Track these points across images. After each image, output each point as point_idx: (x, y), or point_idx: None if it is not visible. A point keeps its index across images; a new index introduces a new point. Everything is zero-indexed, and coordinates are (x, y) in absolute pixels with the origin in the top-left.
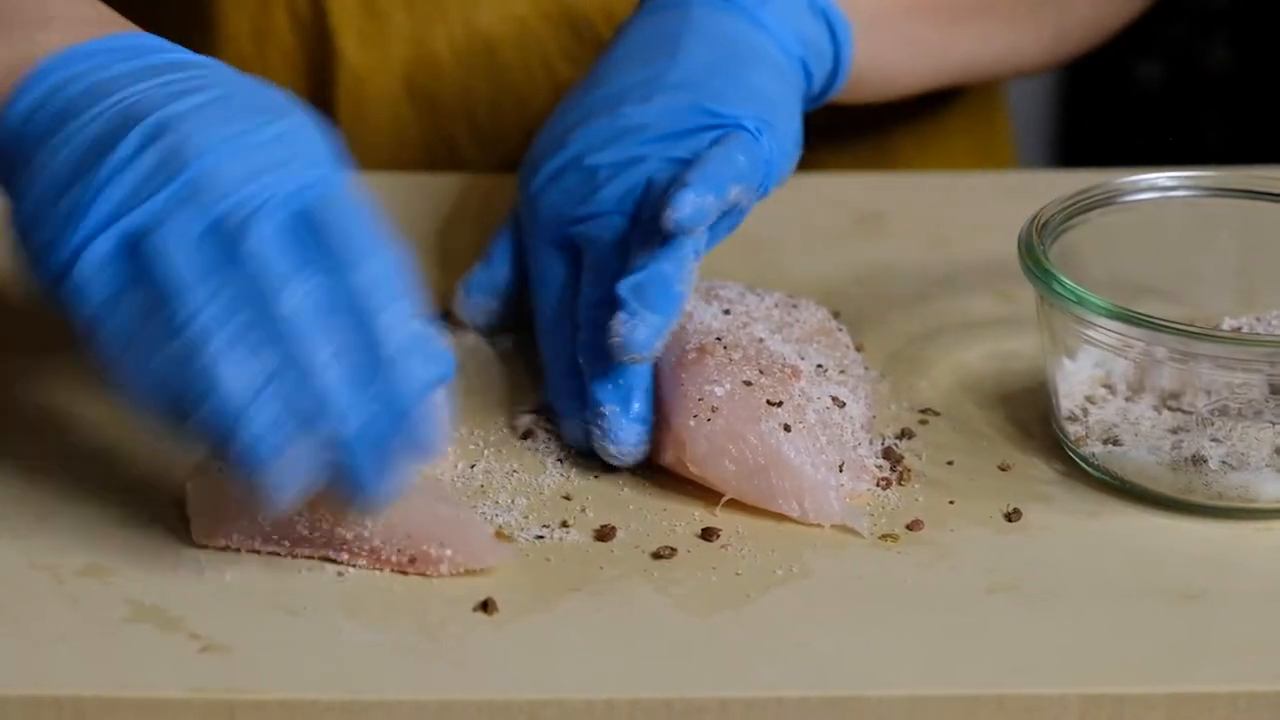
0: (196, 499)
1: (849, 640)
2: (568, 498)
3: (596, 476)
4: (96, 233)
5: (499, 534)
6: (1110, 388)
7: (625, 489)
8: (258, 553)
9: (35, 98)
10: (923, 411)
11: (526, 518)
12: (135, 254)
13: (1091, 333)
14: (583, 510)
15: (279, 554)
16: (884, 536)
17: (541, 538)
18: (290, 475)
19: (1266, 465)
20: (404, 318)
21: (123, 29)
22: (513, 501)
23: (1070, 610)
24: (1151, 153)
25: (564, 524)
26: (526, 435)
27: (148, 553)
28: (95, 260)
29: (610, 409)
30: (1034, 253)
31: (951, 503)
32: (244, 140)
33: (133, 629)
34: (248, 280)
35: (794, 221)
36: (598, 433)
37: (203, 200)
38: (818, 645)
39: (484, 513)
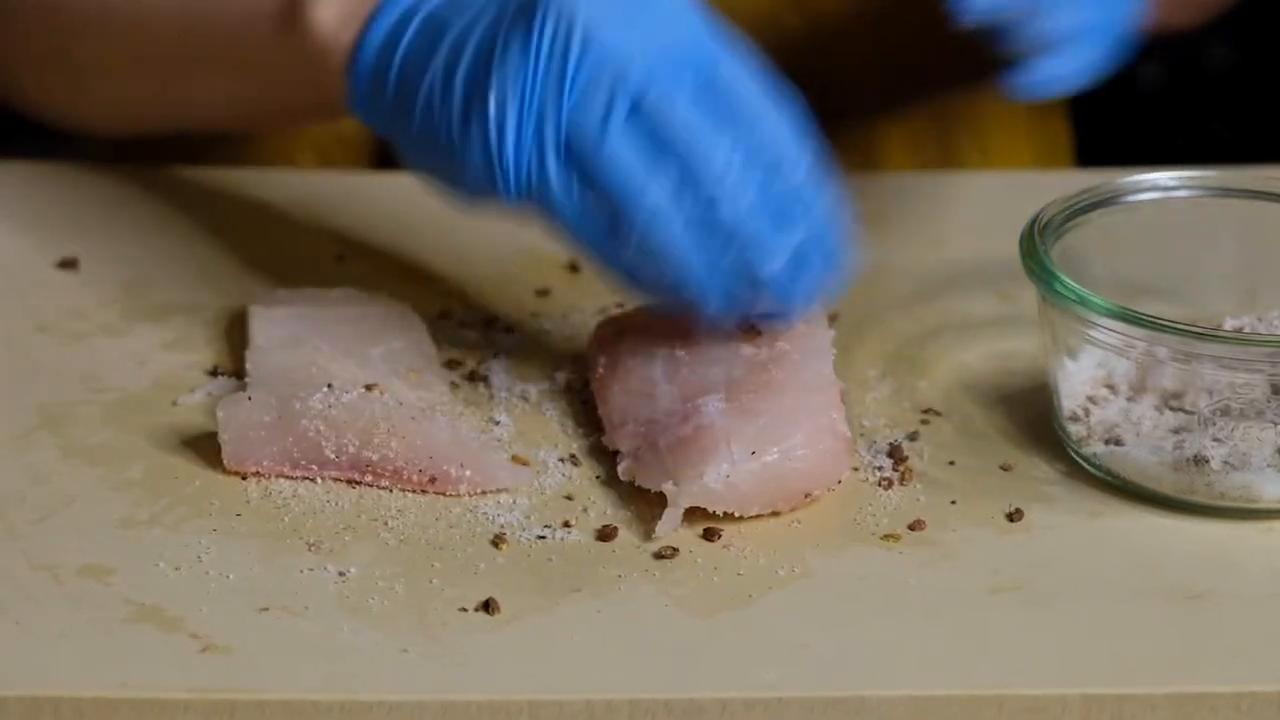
0: (227, 427)
1: (850, 640)
2: (569, 497)
3: (598, 477)
4: (539, 143)
5: (516, 459)
6: (1112, 388)
7: (627, 489)
8: (286, 477)
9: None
10: (924, 412)
11: (528, 517)
12: (574, 154)
13: (1093, 333)
14: (584, 510)
15: (308, 478)
16: (886, 536)
17: (543, 538)
18: (731, 308)
19: (1268, 465)
20: (809, 161)
21: None
22: (514, 501)
23: (1072, 610)
24: (1152, 153)
25: (566, 524)
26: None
27: (148, 553)
28: (552, 172)
29: None
30: (1035, 253)
31: (953, 503)
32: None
33: (133, 629)
34: (682, 152)
35: None
36: None
37: (623, 86)
38: (818, 645)
39: (485, 513)
